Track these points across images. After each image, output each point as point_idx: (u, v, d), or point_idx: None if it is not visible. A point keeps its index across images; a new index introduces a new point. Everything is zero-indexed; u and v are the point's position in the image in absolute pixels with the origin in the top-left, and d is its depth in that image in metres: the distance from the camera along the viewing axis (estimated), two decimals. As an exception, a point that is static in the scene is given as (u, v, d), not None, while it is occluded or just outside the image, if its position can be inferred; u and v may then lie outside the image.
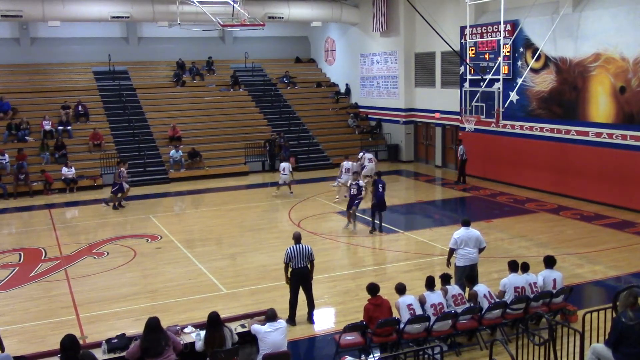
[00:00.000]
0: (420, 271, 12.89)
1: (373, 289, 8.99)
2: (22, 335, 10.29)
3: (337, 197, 20.37)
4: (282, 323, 8.07)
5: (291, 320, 10.14)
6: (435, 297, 9.09)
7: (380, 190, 16.10)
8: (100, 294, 12.18)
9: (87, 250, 15.40)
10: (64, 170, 23.11)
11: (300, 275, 10.34)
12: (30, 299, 11.93)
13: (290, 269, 10.36)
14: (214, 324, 7.76)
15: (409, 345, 8.97)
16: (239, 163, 26.38)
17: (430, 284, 9.25)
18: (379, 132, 29.40)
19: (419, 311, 8.89)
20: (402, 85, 27.79)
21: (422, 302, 9.05)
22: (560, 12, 19.01)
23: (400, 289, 9.08)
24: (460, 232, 10.69)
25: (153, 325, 7.47)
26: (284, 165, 21.29)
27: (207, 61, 32.24)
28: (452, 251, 10.80)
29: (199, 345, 7.78)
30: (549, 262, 10.13)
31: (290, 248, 10.34)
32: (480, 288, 9.51)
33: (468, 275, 10.50)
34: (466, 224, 10.84)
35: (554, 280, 9.87)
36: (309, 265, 10.42)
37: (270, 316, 8.05)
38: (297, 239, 10.49)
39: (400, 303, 8.90)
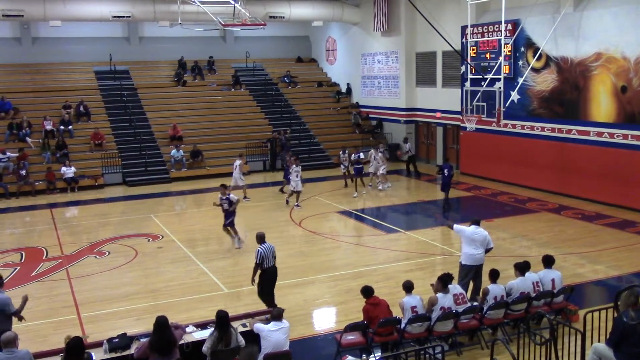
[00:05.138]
0: (421, 271, 12.90)
1: (367, 291, 9.00)
2: (24, 335, 10.23)
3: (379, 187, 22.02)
4: (286, 323, 8.08)
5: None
6: (446, 301, 9.02)
7: (446, 174, 18.40)
8: (102, 294, 12.19)
9: (89, 249, 15.41)
10: (63, 169, 23.11)
11: (272, 273, 10.46)
12: (31, 299, 11.82)
13: (260, 270, 10.40)
14: (225, 322, 7.74)
15: (410, 344, 8.98)
16: (240, 163, 26.34)
17: (445, 284, 9.17)
18: (379, 132, 29.39)
19: (422, 312, 8.89)
20: (403, 85, 27.78)
21: (432, 303, 8.99)
22: (561, 12, 19.00)
23: (408, 287, 9.07)
24: (470, 229, 10.65)
25: (162, 323, 7.48)
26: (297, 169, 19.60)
27: (208, 61, 32.25)
28: (451, 227, 11.02)
29: (207, 343, 7.69)
30: (548, 261, 10.14)
31: (261, 248, 10.37)
32: (497, 290, 9.44)
33: (473, 276, 10.51)
34: (476, 223, 10.80)
35: (552, 280, 9.87)
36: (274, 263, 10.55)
37: (275, 315, 8.06)
38: (262, 238, 10.55)
39: (405, 304, 8.89)
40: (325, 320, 11.01)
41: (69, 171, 23.12)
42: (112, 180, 24.29)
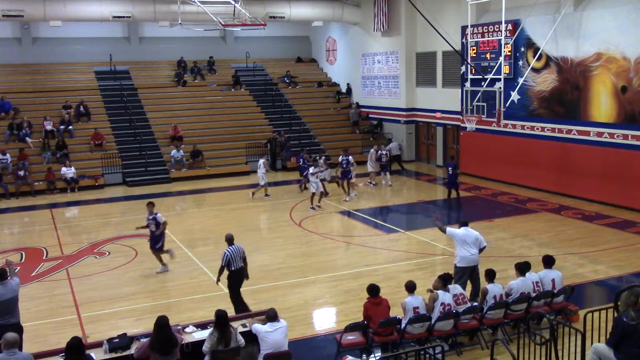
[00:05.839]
0: (421, 271, 12.90)
1: (373, 289, 9.02)
2: (24, 335, 10.27)
3: (373, 182, 22.68)
4: (282, 323, 8.06)
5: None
6: (447, 297, 9.08)
7: (450, 172, 19.32)
8: (102, 294, 12.19)
9: (89, 249, 15.43)
10: (64, 170, 23.12)
11: (240, 275, 10.48)
12: (31, 299, 11.93)
13: (227, 272, 10.39)
14: (224, 321, 7.74)
15: (410, 344, 8.98)
16: (240, 163, 26.38)
17: (445, 283, 9.24)
18: (379, 132, 29.38)
19: (423, 313, 8.90)
20: (403, 85, 27.78)
21: (434, 299, 9.02)
22: (561, 12, 18.99)
23: (410, 287, 9.08)
24: (461, 231, 10.68)
25: (163, 323, 7.48)
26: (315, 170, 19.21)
27: (208, 61, 32.25)
28: (444, 230, 10.92)
29: (207, 343, 7.69)
30: (548, 261, 10.14)
31: (228, 250, 10.37)
32: (495, 289, 9.47)
33: (470, 277, 10.51)
34: (464, 224, 10.85)
35: (553, 280, 9.87)
36: (242, 265, 10.55)
37: (271, 316, 8.04)
38: (231, 240, 10.55)
39: (407, 304, 8.90)
40: (325, 320, 11.01)
41: (69, 171, 23.13)
42: (112, 180, 24.29)
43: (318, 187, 18.95)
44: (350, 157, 20.71)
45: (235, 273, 10.40)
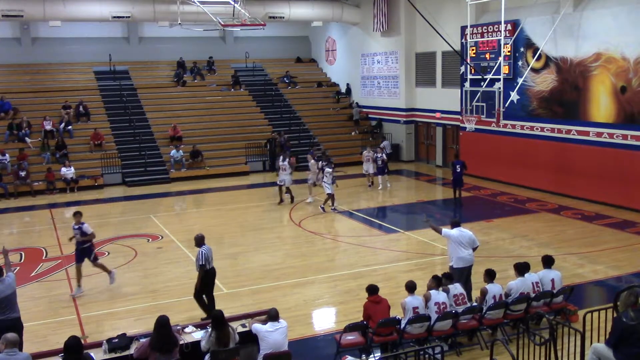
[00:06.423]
0: (421, 271, 12.90)
1: (372, 289, 9.04)
2: (24, 334, 10.27)
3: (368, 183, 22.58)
4: (283, 323, 8.06)
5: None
6: (441, 297, 9.11)
7: (458, 170, 18.80)
8: (101, 294, 12.19)
9: (88, 249, 15.38)
10: (63, 170, 23.11)
11: (213, 275, 10.54)
12: (31, 299, 11.93)
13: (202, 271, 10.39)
14: (222, 322, 7.75)
15: (409, 345, 8.99)
16: (240, 163, 26.40)
17: (438, 284, 9.28)
18: (379, 132, 29.39)
19: (423, 313, 8.91)
20: (403, 85, 27.79)
21: (427, 298, 9.05)
22: (561, 12, 19.00)
23: (411, 287, 9.09)
24: (454, 232, 10.69)
25: (163, 322, 7.49)
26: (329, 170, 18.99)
27: (207, 61, 32.26)
28: (439, 231, 10.87)
29: (206, 344, 7.72)
30: (547, 261, 10.16)
31: (203, 249, 10.37)
32: (495, 289, 9.49)
33: (465, 277, 10.52)
34: (456, 224, 10.85)
35: (552, 280, 9.88)
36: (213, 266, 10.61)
37: (272, 316, 8.05)
38: (202, 240, 10.52)
39: (407, 304, 8.91)
40: (325, 320, 11.02)
41: (68, 172, 23.12)
42: (112, 180, 24.29)
43: (331, 189, 18.76)
44: (331, 160, 20.43)
45: (209, 273, 10.43)
